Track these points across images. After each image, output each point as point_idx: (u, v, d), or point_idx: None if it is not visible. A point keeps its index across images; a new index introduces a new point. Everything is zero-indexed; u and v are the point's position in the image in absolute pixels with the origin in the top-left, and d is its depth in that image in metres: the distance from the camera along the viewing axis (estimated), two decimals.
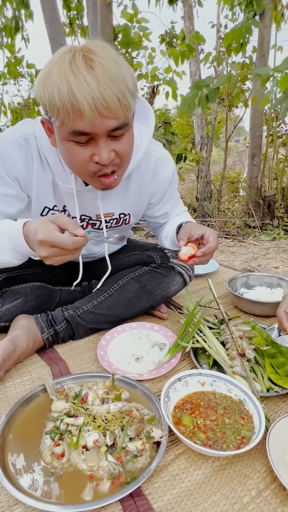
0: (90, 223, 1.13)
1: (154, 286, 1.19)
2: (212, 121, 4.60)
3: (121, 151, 0.82)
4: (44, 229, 0.76)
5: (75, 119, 0.73)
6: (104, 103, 0.72)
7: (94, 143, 0.79)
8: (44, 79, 0.74)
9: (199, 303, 1.18)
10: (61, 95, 0.71)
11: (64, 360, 1.04)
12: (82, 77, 0.70)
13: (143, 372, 0.98)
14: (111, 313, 1.16)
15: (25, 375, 0.98)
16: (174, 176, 1.16)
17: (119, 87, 0.73)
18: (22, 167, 0.96)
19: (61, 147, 0.82)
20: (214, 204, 4.79)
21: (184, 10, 5.20)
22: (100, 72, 0.71)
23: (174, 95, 3.54)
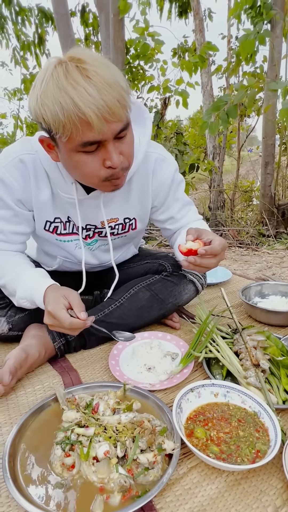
0: (96, 232, 1.14)
1: (165, 294, 1.18)
2: (224, 131, 4.61)
3: (126, 151, 0.84)
4: (55, 303, 0.88)
5: (83, 131, 0.74)
6: (108, 109, 0.73)
7: (102, 148, 0.80)
8: (42, 98, 0.73)
9: (212, 312, 1.16)
10: (65, 110, 0.71)
11: (76, 370, 1.04)
12: (82, 89, 0.71)
13: (155, 382, 0.96)
14: (123, 322, 1.15)
15: (36, 384, 0.98)
16: (175, 176, 1.14)
17: (117, 90, 0.74)
18: (22, 188, 0.99)
19: (69, 160, 0.83)
20: (227, 213, 4.76)
21: (195, 23, 5.28)
22: (97, 80, 0.72)
23: (185, 103, 3.56)
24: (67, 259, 1.22)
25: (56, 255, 1.22)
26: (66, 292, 0.92)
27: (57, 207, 1.07)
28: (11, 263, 1.05)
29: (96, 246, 1.18)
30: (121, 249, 1.27)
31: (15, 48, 4.68)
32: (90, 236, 1.14)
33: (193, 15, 5.29)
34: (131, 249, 1.33)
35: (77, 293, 0.92)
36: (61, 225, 1.11)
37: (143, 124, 1.04)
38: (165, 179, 1.12)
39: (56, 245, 1.16)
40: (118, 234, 1.17)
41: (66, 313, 0.87)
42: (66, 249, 1.16)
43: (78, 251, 1.17)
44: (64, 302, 0.89)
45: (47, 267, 1.30)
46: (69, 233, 1.13)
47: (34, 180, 1.00)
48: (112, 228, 1.14)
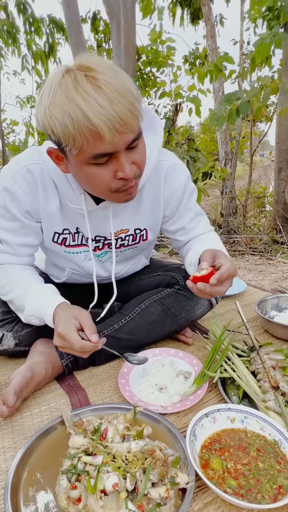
0: (106, 243, 1.10)
1: (178, 309, 1.13)
2: (237, 136, 4.55)
3: (138, 160, 0.81)
4: (65, 325, 0.85)
5: (94, 143, 0.71)
6: (119, 120, 0.69)
7: (114, 159, 0.77)
8: (51, 109, 0.70)
9: (226, 327, 1.11)
10: (75, 122, 0.68)
11: (84, 389, 0.99)
12: (93, 100, 0.67)
13: (167, 405, 0.91)
14: (133, 338, 1.10)
15: (43, 404, 0.93)
16: (188, 185, 1.09)
17: (129, 99, 0.71)
18: (29, 199, 0.96)
19: (80, 172, 0.80)
20: (240, 220, 4.68)
21: (207, 29, 5.26)
22: (108, 90, 0.68)
23: (198, 112, 3.52)
24: (75, 271, 1.18)
25: (65, 267, 1.18)
26: (77, 312, 0.89)
27: (66, 218, 1.03)
28: (19, 277, 1.02)
29: (106, 258, 1.14)
30: (132, 260, 1.23)
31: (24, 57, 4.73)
32: (100, 247, 1.11)
33: (204, 21, 5.28)
34: (141, 260, 1.28)
35: (88, 314, 0.89)
36: (69, 236, 1.07)
37: (154, 131, 1.00)
38: (177, 187, 1.08)
39: (65, 257, 1.12)
40: (129, 245, 1.13)
41: (77, 336, 0.84)
42: (74, 261, 1.13)
43: (87, 263, 1.13)
44: (75, 323, 0.86)
45: (55, 279, 1.27)
46: (78, 244, 1.09)
47: (42, 190, 0.97)
48: (122, 239, 1.10)
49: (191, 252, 1.08)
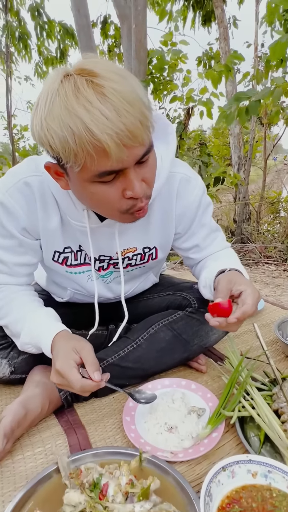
0: (111, 263, 0.99)
1: (190, 335, 1.02)
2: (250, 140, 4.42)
3: (148, 176, 0.72)
4: (64, 360, 0.76)
5: (99, 160, 0.62)
6: (128, 133, 0.60)
7: (121, 176, 0.67)
8: (48, 121, 0.61)
9: (245, 355, 0.99)
10: (76, 137, 0.59)
11: (84, 427, 0.88)
12: (97, 111, 0.58)
13: (178, 450, 0.79)
14: (140, 367, 0.99)
15: (37, 445, 0.83)
16: (203, 199, 0.99)
17: (139, 108, 0.61)
18: (27, 215, 0.87)
19: (83, 191, 0.71)
20: (253, 226, 4.54)
21: (220, 31, 5.16)
22: (115, 98, 0.59)
23: (209, 114, 3.41)
24: (78, 291, 1.08)
25: (67, 287, 1.08)
26: (78, 344, 0.79)
27: (67, 235, 0.94)
28: (16, 300, 0.93)
29: (111, 278, 1.04)
30: (139, 279, 1.12)
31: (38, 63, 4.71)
32: (104, 267, 1.00)
33: (217, 23, 5.18)
34: (150, 278, 1.18)
35: (90, 346, 0.80)
36: (71, 255, 0.97)
37: (166, 140, 0.90)
38: (191, 202, 0.97)
39: (66, 277, 1.02)
40: (137, 265, 1.03)
41: (77, 374, 0.74)
42: (77, 281, 1.03)
43: (91, 283, 1.03)
44: (75, 357, 0.77)
45: (57, 297, 1.17)
46: (81, 263, 0.99)
47: (41, 205, 0.87)
48: (129, 258, 1.00)
49: (205, 272, 0.97)
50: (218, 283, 0.80)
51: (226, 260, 0.97)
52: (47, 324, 0.87)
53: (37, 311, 0.91)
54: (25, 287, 1.00)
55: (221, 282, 0.78)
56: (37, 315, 0.89)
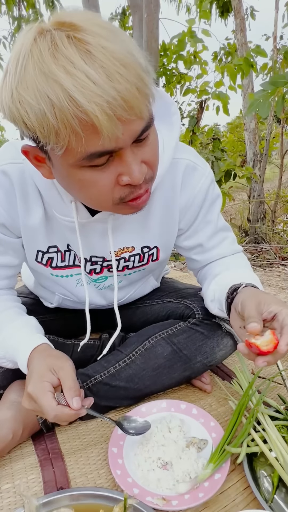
0: (105, 266, 0.85)
1: (192, 350, 0.87)
2: (267, 136, 4.23)
3: (150, 158, 0.58)
4: (38, 382, 0.65)
5: (87, 138, 0.49)
6: (123, 103, 0.47)
7: (116, 158, 0.53)
8: (20, 91, 0.48)
9: (257, 375, 0.84)
10: (57, 109, 0.46)
11: (63, 457, 0.75)
12: (82, 74, 0.45)
13: (171, 496, 0.65)
14: (133, 386, 0.85)
15: (5, 479, 0.70)
16: (210, 191, 0.83)
17: (135, 70, 0.48)
18: (5, 209, 0.74)
19: (69, 179, 0.57)
20: (268, 226, 4.34)
21: (236, 22, 4.96)
22: (104, 58, 0.46)
23: (225, 109, 3.24)
24: (66, 297, 0.95)
25: (55, 292, 0.96)
26: (56, 363, 0.68)
27: (52, 232, 0.80)
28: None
29: (105, 284, 0.90)
30: (137, 284, 0.98)
31: None
32: (97, 271, 0.87)
33: (233, 14, 4.98)
34: (150, 282, 1.04)
35: (70, 366, 0.68)
36: (57, 255, 0.84)
37: (169, 121, 0.75)
38: (197, 193, 0.81)
39: (53, 280, 0.89)
40: (135, 267, 0.88)
41: (51, 399, 0.63)
42: (64, 286, 0.90)
43: (80, 289, 0.90)
44: (51, 378, 0.65)
45: (46, 302, 1.04)
46: (69, 265, 0.86)
47: (21, 197, 0.74)
48: (126, 260, 0.85)
49: (214, 284, 0.82)
50: (243, 306, 0.64)
51: (238, 271, 0.82)
52: (24, 336, 0.75)
53: (15, 320, 0.79)
54: (6, 291, 0.87)
55: (248, 305, 0.63)
56: (14, 325, 0.77)
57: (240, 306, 0.65)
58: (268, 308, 0.60)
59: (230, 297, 0.72)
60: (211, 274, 0.87)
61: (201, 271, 0.93)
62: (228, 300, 0.72)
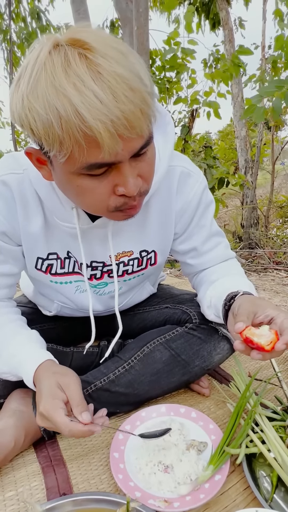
0: (104, 271, 0.87)
1: (190, 355, 0.89)
2: (258, 143, 4.30)
3: (146, 172, 0.61)
4: (49, 401, 0.65)
5: (89, 150, 0.52)
6: (126, 123, 0.50)
7: (114, 170, 0.56)
8: (30, 99, 0.51)
9: (254, 377, 0.86)
10: (63, 121, 0.49)
11: (65, 464, 0.76)
12: (91, 93, 0.48)
13: (173, 498, 0.67)
14: (132, 392, 0.87)
15: (8, 487, 0.71)
16: (204, 196, 0.87)
17: (140, 93, 0.51)
18: (6, 218, 0.76)
19: (68, 184, 0.60)
20: (262, 231, 4.40)
21: (225, 33, 5.09)
22: (112, 80, 0.49)
23: (216, 113, 3.29)
24: (65, 304, 0.96)
25: (53, 299, 0.97)
26: (63, 380, 0.68)
27: (52, 240, 0.82)
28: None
29: (105, 291, 0.92)
30: (134, 289, 1.00)
31: None
32: (97, 276, 0.89)
33: (222, 25, 5.10)
34: (146, 288, 1.06)
35: (77, 382, 0.69)
36: (56, 262, 0.86)
37: (164, 131, 0.78)
38: (192, 198, 0.85)
39: (51, 287, 0.91)
40: (134, 272, 0.90)
41: (63, 416, 0.64)
42: (63, 293, 0.91)
43: (79, 296, 0.91)
44: (60, 396, 0.66)
45: (45, 310, 1.06)
46: (68, 272, 0.87)
47: (21, 206, 0.76)
48: (125, 264, 0.88)
49: (211, 291, 0.84)
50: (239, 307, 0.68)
51: (235, 278, 0.85)
52: (28, 353, 0.75)
53: (18, 335, 0.79)
54: (6, 303, 0.88)
55: (243, 306, 0.66)
56: (17, 340, 0.78)
57: (237, 309, 0.67)
58: (265, 312, 0.63)
59: (228, 304, 0.74)
60: (207, 281, 0.89)
61: (196, 277, 0.96)
62: (226, 307, 0.74)
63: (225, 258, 0.93)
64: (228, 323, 0.73)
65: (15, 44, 4.28)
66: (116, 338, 0.84)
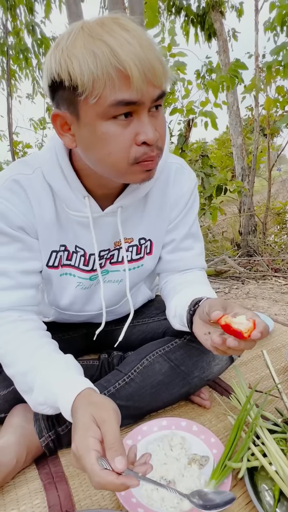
0: (107, 258, 0.90)
1: (189, 366, 0.90)
2: (254, 151, 4.34)
3: (160, 129, 0.67)
4: (81, 439, 0.56)
5: (120, 86, 0.59)
6: (150, 66, 0.59)
7: (136, 119, 0.63)
8: (69, 49, 0.58)
9: (253, 390, 0.86)
10: (99, 60, 0.57)
11: (67, 481, 0.76)
12: (123, 39, 0.57)
13: None
14: (133, 405, 0.87)
15: (11, 505, 0.71)
16: (194, 193, 0.94)
17: (159, 53, 0.61)
18: (22, 212, 0.78)
19: (93, 134, 0.63)
20: (260, 238, 4.41)
21: (219, 44, 5.16)
22: (137, 35, 0.59)
23: (214, 124, 3.33)
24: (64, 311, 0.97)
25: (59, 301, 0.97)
26: (98, 414, 0.59)
27: (62, 231, 0.84)
28: (24, 345, 0.77)
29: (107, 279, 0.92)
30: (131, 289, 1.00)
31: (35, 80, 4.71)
32: (102, 265, 0.90)
33: (216, 36, 5.18)
34: (142, 290, 1.07)
35: (114, 417, 0.59)
36: (64, 254, 0.87)
37: None
38: (184, 192, 0.91)
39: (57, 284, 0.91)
40: (133, 260, 0.92)
41: (94, 462, 0.52)
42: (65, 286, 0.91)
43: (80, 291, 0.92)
44: (94, 433, 0.56)
45: (43, 316, 1.05)
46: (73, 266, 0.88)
47: (35, 201, 0.79)
48: (126, 250, 0.90)
49: (176, 299, 0.86)
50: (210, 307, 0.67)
51: (200, 288, 0.86)
52: (66, 381, 0.69)
53: (53, 360, 0.74)
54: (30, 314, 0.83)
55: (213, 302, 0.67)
56: (53, 366, 0.72)
57: (208, 307, 0.67)
58: (234, 310, 0.63)
59: (192, 309, 0.76)
60: (174, 291, 0.91)
61: (164, 288, 0.97)
62: (190, 312, 0.76)
63: (196, 266, 0.97)
64: (194, 327, 0.75)
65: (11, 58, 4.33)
66: (129, 320, 0.88)
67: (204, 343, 0.71)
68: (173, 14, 5.36)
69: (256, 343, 0.64)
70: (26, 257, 0.81)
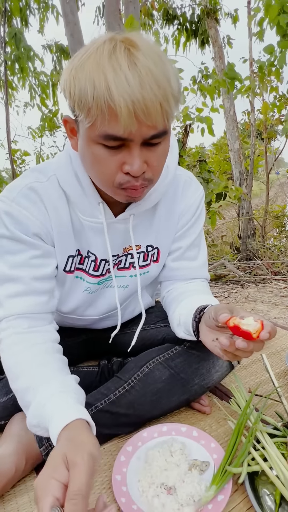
0: (115, 263, 0.92)
1: (189, 373, 0.90)
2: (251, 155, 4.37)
3: (154, 162, 0.68)
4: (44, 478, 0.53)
5: (109, 121, 0.61)
6: (144, 108, 0.59)
7: (126, 149, 0.65)
8: (77, 70, 0.61)
9: (253, 395, 0.86)
10: (95, 91, 0.59)
11: None
12: (122, 74, 0.58)
13: None
14: (133, 412, 0.87)
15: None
16: (201, 205, 0.97)
17: (164, 91, 0.60)
18: (37, 219, 0.79)
19: (87, 150, 0.67)
20: (259, 242, 4.42)
21: (214, 51, 5.22)
22: (144, 71, 0.59)
23: (210, 131, 3.36)
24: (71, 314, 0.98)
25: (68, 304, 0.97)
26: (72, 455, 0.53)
27: (76, 237, 0.86)
28: (28, 360, 0.74)
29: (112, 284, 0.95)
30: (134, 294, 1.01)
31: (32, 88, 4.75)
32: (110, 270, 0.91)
33: (211, 42, 5.24)
34: (144, 297, 1.07)
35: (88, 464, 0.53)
36: (78, 258, 0.89)
37: (171, 145, 0.84)
38: (192, 203, 0.95)
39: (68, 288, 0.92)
40: (140, 267, 0.94)
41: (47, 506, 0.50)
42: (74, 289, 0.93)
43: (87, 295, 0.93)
44: (60, 477, 0.52)
45: None
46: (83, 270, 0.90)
47: (51, 207, 0.81)
48: (132, 256, 0.93)
49: (180, 308, 0.87)
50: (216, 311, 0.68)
51: (204, 297, 0.86)
52: (59, 406, 0.64)
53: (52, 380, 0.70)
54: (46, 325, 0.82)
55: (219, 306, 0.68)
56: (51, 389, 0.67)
57: (214, 312, 0.68)
58: (240, 314, 0.64)
59: (197, 316, 0.76)
60: (177, 300, 0.91)
61: (167, 297, 0.98)
62: (196, 320, 0.77)
63: (199, 276, 0.98)
64: (201, 334, 0.76)
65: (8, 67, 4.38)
66: (141, 324, 0.92)
67: (213, 349, 0.72)
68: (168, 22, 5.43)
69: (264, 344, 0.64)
70: (40, 263, 0.81)
